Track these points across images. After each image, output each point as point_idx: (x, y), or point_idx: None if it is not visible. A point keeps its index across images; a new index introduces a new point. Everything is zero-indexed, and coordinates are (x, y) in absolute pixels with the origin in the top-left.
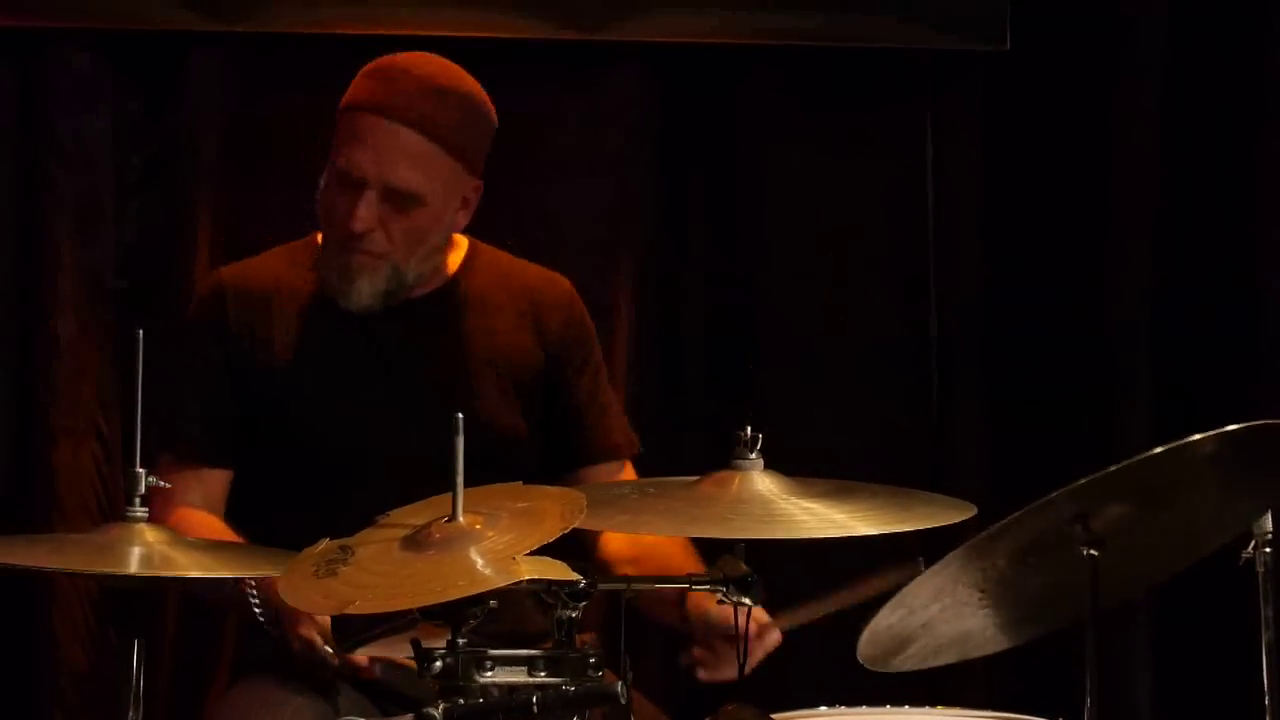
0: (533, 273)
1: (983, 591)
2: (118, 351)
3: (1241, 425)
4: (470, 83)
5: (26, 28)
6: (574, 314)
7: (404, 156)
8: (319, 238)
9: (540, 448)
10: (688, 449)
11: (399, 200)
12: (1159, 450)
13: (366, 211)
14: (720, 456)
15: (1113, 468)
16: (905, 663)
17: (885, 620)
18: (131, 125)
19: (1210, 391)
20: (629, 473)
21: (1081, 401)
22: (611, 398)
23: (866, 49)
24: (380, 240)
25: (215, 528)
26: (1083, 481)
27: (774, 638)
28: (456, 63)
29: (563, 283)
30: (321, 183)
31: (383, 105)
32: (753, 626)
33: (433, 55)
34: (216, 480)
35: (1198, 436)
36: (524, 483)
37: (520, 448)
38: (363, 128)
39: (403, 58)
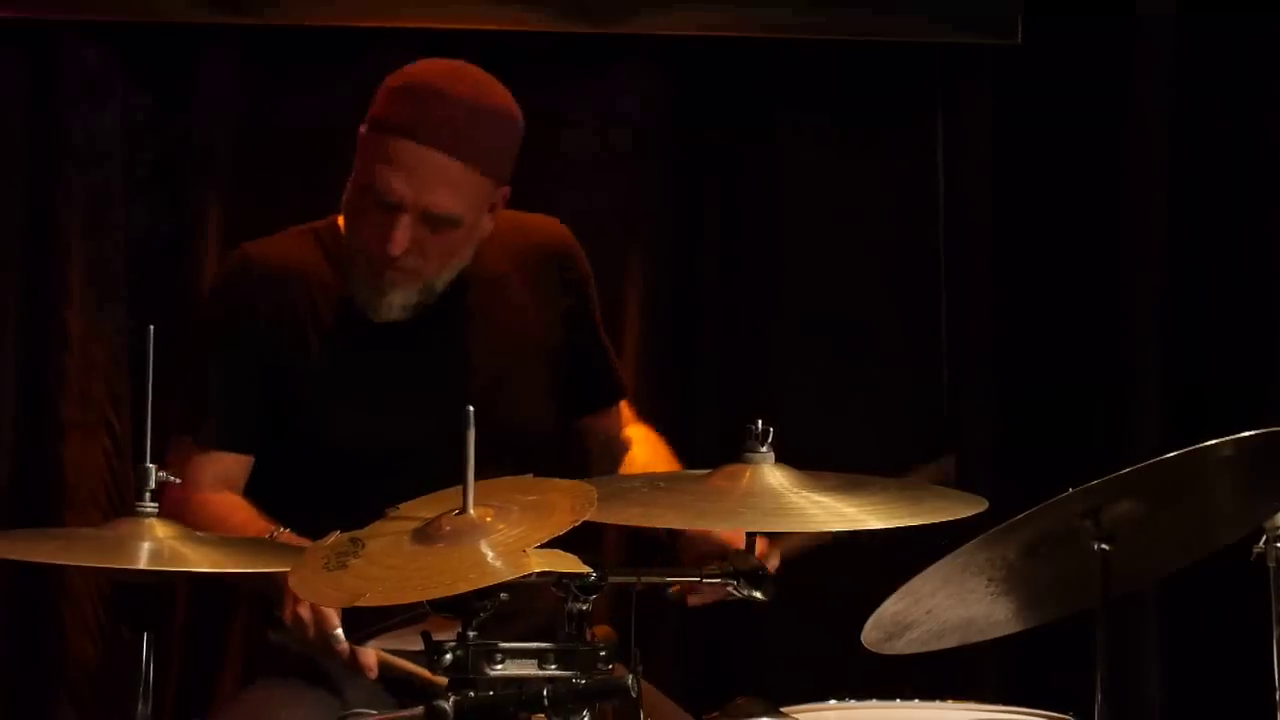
0: (533, 227)
1: (990, 580)
2: (128, 346)
3: (1257, 431)
4: (500, 94)
5: (37, 20)
6: (576, 260)
7: (440, 182)
8: (341, 221)
9: (560, 423)
10: (699, 446)
11: (435, 222)
12: (1173, 454)
13: (403, 236)
14: (731, 454)
15: (1126, 470)
16: (909, 645)
17: (891, 607)
18: (141, 120)
19: (1221, 389)
20: (627, 411)
21: (1092, 397)
22: (606, 338)
23: (877, 43)
24: (414, 260)
25: (235, 504)
26: (1096, 483)
27: (771, 563)
28: (468, 59)
29: (558, 227)
30: (347, 189)
31: (416, 129)
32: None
33: (463, 66)
34: (236, 465)
35: (1213, 442)
36: (547, 468)
37: (540, 432)
38: (396, 152)
39: (434, 74)
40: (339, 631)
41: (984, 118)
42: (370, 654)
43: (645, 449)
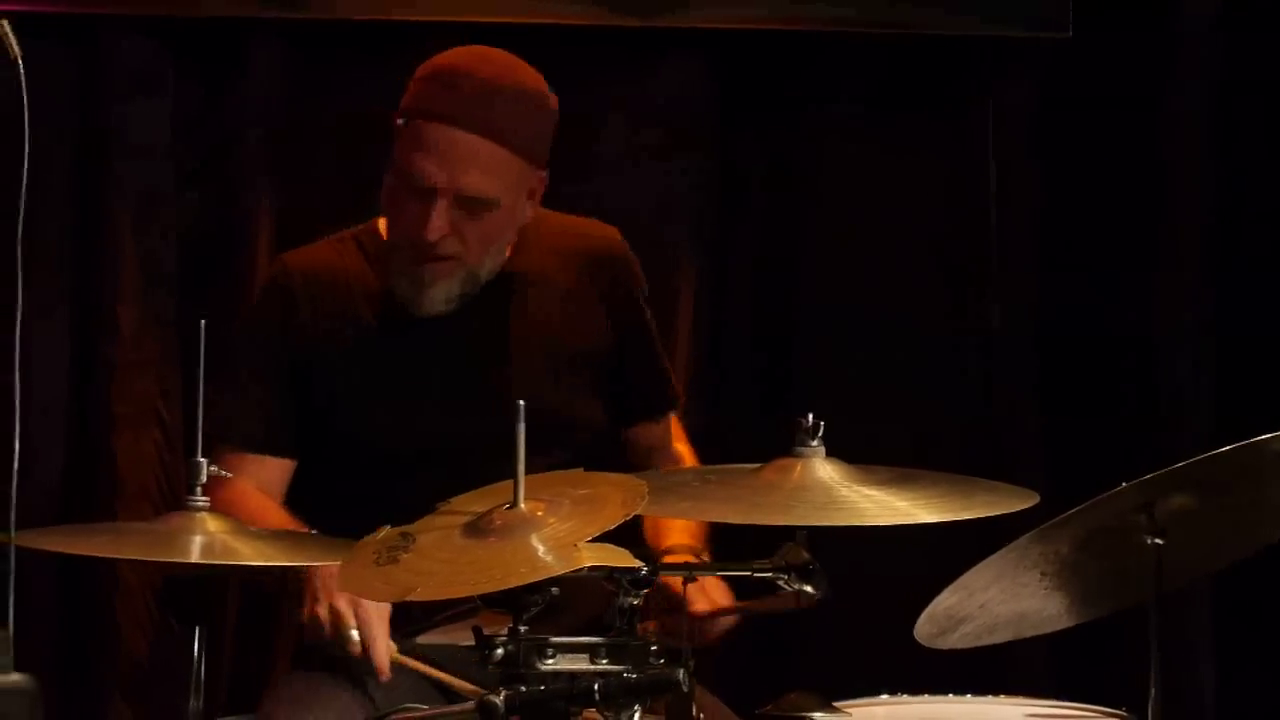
0: (583, 231)
1: (1043, 574)
2: (178, 340)
3: None
4: (531, 76)
5: (86, 15)
6: (629, 268)
7: (474, 163)
8: (380, 224)
9: (608, 424)
10: (746, 441)
11: (471, 206)
12: (1227, 449)
13: (439, 220)
14: (779, 448)
15: (1180, 465)
16: (962, 640)
17: (945, 602)
18: (191, 114)
19: (1269, 377)
20: (677, 426)
21: (1139, 387)
22: (660, 345)
23: (925, 37)
24: (453, 245)
25: (269, 506)
26: (1149, 477)
27: (727, 622)
28: (511, 53)
29: (613, 235)
30: (385, 182)
31: (448, 112)
32: (705, 605)
33: (490, 50)
34: (276, 469)
35: (1267, 436)
36: (594, 465)
37: (586, 430)
38: (429, 136)
39: (461, 58)
40: (354, 633)
41: (1033, 110)
42: (383, 656)
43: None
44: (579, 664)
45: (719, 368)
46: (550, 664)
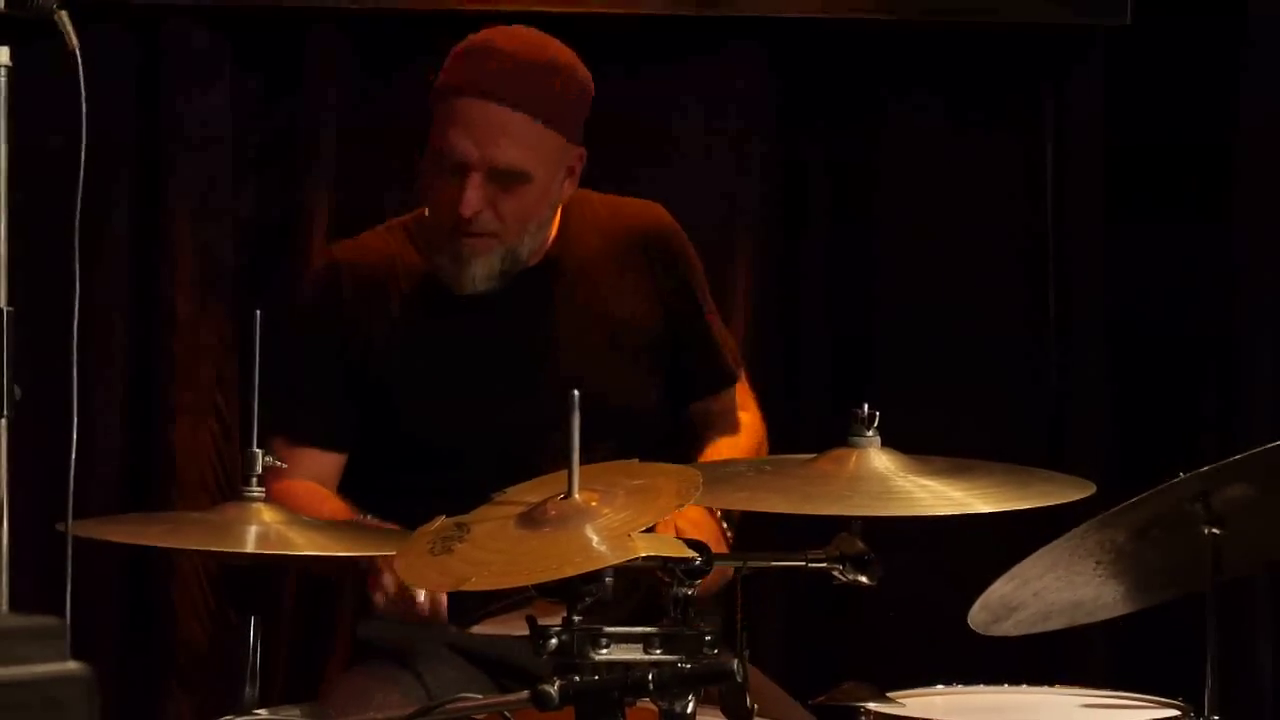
0: (630, 211)
1: (1099, 563)
2: (235, 330)
3: None
4: (562, 51)
5: (146, 4)
6: (678, 244)
7: (505, 135)
8: (427, 212)
9: (664, 407)
10: (805, 428)
11: (505, 179)
12: None
13: (474, 194)
14: (837, 437)
15: (1238, 456)
16: (1016, 627)
17: (999, 589)
18: (250, 103)
19: None
20: (745, 394)
21: (1204, 379)
22: (717, 319)
23: (986, 25)
24: (490, 221)
25: (323, 494)
26: (1207, 468)
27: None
28: (574, 40)
29: (661, 214)
30: (423, 165)
31: (478, 87)
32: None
33: (522, 28)
34: (329, 462)
35: None
36: (648, 450)
37: (639, 415)
38: (461, 111)
39: (492, 35)
40: (420, 594)
41: (1095, 100)
42: (444, 604)
43: (745, 438)
44: (633, 654)
45: (786, 355)
46: (604, 654)
